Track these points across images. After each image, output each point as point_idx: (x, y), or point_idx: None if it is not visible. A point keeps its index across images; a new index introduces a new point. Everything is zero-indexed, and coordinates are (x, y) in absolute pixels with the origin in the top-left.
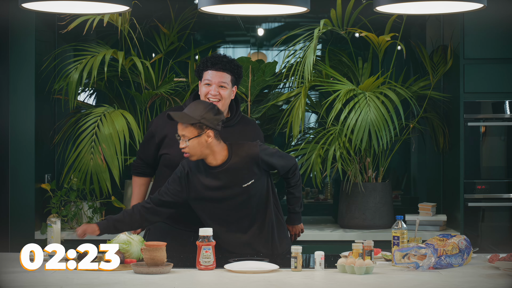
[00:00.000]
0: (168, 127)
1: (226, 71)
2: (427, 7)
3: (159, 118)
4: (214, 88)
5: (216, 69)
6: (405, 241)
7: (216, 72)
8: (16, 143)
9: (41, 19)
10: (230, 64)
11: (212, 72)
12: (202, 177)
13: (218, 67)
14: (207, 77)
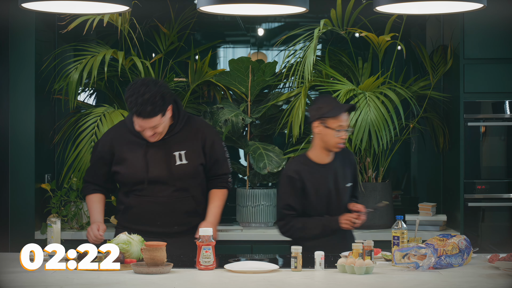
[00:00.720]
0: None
1: (154, 116)
2: (427, 7)
3: (103, 139)
4: (148, 131)
5: (142, 118)
6: (405, 241)
7: (143, 119)
8: (16, 143)
9: (41, 19)
10: (154, 109)
11: (139, 119)
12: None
13: (144, 116)
14: (137, 122)
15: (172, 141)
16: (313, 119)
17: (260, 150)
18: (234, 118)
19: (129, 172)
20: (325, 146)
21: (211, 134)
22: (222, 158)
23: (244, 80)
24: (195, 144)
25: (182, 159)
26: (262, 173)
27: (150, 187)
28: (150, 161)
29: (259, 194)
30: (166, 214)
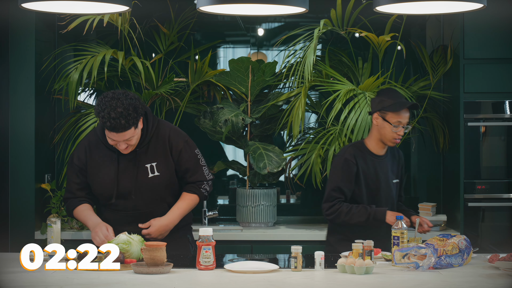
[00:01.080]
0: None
1: (128, 129)
2: (427, 7)
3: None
4: (122, 144)
5: (116, 132)
6: (405, 241)
7: (117, 134)
8: (16, 143)
9: (41, 19)
10: (128, 122)
11: (113, 134)
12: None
13: (118, 129)
14: (110, 136)
15: (143, 153)
16: (373, 110)
17: (260, 150)
18: (234, 118)
19: (101, 184)
20: (381, 139)
21: (178, 142)
22: (193, 166)
23: (244, 80)
24: (165, 154)
25: (154, 171)
26: (262, 173)
27: (122, 201)
28: (120, 173)
29: (259, 194)
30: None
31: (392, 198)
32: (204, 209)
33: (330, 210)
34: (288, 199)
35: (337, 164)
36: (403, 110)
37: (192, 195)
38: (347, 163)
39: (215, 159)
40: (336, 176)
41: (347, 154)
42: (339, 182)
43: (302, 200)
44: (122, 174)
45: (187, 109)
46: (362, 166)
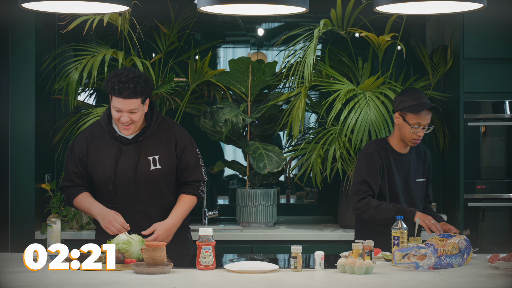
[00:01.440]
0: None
1: (134, 97)
2: (427, 7)
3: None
4: (125, 115)
5: (123, 97)
6: (405, 241)
7: (123, 99)
8: (16, 143)
9: (41, 19)
10: (136, 88)
11: (120, 100)
12: None
13: (125, 94)
14: (116, 105)
15: (146, 144)
16: (395, 110)
17: (260, 150)
18: (234, 118)
19: (100, 171)
20: (401, 138)
21: (183, 139)
22: (193, 164)
23: (244, 80)
24: (169, 148)
25: (157, 163)
26: (262, 173)
27: (123, 193)
28: (122, 163)
29: (259, 194)
30: (144, 221)
31: (412, 197)
32: (204, 209)
33: (359, 204)
34: (288, 199)
35: (361, 159)
36: (423, 112)
37: (191, 196)
38: (371, 157)
39: (215, 159)
40: (361, 170)
41: (371, 149)
42: (365, 176)
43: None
44: (123, 163)
45: (187, 109)
46: (385, 162)
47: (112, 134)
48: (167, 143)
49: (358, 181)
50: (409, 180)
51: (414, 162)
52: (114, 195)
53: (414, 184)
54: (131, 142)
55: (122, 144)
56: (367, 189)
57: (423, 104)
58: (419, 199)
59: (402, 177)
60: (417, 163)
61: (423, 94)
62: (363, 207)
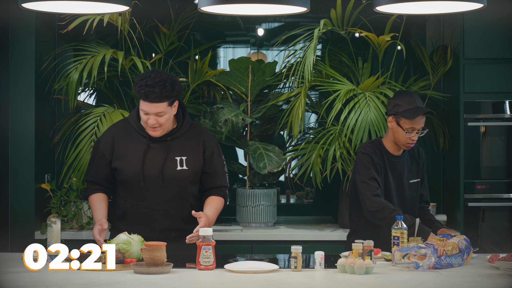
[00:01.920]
0: (115, 143)
1: (160, 101)
2: (427, 7)
3: (105, 137)
4: (152, 118)
5: (149, 101)
6: (405, 241)
7: (149, 103)
8: (16, 143)
9: (41, 19)
10: (162, 92)
11: (146, 103)
12: None
13: (151, 98)
14: (143, 108)
15: (174, 144)
16: (388, 113)
17: (260, 150)
18: (234, 118)
19: (126, 167)
20: (395, 141)
21: (212, 145)
22: (220, 170)
23: (244, 80)
24: (197, 151)
25: (183, 164)
26: (262, 173)
27: (146, 191)
28: (149, 160)
29: (259, 194)
30: (163, 221)
31: (405, 198)
32: None
33: (374, 200)
34: (288, 199)
35: (363, 157)
36: (417, 117)
37: (220, 197)
38: (369, 157)
39: None
40: (367, 167)
41: (368, 149)
42: (372, 173)
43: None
44: (150, 160)
45: (187, 109)
46: (381, 163)
47: (141, 131)
48: (195, 146)
49: (367, 177)
50: (403, 182)
51: (408, 164)
52: (139, 192)
53: (408, 185)
54: (160, 140)
55: (151, 141)
56: (378, 185)
57: (418, 109)
58: (412, 199)
59: (396, 179)
60: (411, 164)
61: (417, 97)
62: (379, 206)
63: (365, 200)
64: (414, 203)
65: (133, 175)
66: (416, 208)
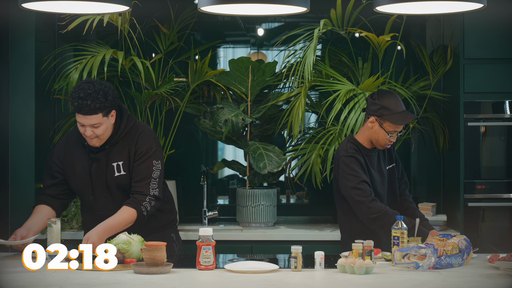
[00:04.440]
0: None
1: (94, 113)
2: (427, 7)
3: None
4: (89, 129)
5: (82, 114)
6: (405, 241)
7: (83, 116)
8: (16, 143)
9: (41, 19)
10: (95, 105)
11: (80, 116)
12: None
13: (84, 111)
14: (78, 120)
15: (112, 151)
16: (371, 113)
17: (260, 150)
18: (234, 118)
19: (76, 181)
20: (372, 140)
21: (143, 145)
22: (144, 175)
23: (244, 80)
24: (131, 153)
25: (121, 170)
26: (262, 173)
27: (96, 201)
28: (93, 172)
29: (259, 194)
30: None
31: (386, 185)
32: (204, 209)
33: (373, 206)
34: (288, 199)
35: (348, 161)
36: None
37: (131, 209)
38: (355, 158)
39: (215, 159)
40: (355, 171)
41: (350, 150)
42: (362, 176)
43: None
44: (94, 172)
45: (187, 109)
46: (362, 161)
47: (83, 142)
48: (129, 149)
49: (357, 183)
50: (382, 171)
51: (380, 153)
52: (89, 203)
53: (386, 172)
54: (100, 150)
55: (92, 152)
56: (370, 187)
57: (406, 114)
58: (393, 185)
59: (376, 171)
60: (382, 152)
61: (399, 99)
62: (379, 212)
63: (361, 208)
64: (395, 188)
65: (81, 188)
66: (397, 194)
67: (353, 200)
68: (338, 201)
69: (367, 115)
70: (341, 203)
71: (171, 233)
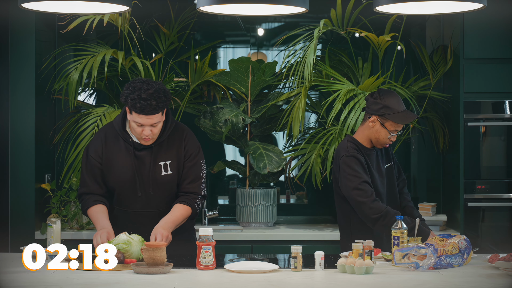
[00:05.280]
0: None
1: (156, 113)
2: (427, 7)
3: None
4: (147, 129)
5: (145, 114)
6: (405, 241)
7: (145, 116)
8: (16, 143)
9: (41, 19)
10: (158, 104)
11: (142, 116)
12: None
13: (147, 111)
14: (137, 120)
15: (158, 149)
16: (373, 112)
17: (260, 150)
18: (234, 118)
19: (116, 175)
20: (372, 140)
21: (192, 147)
22: (195, 176)
23: (244, 80)
24: (179, 154)
25: (168, 169)
26: (262, 173)
27: (135, 198)
28: (137, 168)
29: (259, 194)
30: (151, 226)
31: (385, 184)
32: (204, 209)
33: (374, 206)
34: (288, 199)
35: (349, 161)
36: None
37: (185, 206)
38: (356, 158)
39: (215, 159)
40: (356, 171)
41: (351, 151)
42: (363, 177)
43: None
44: (138, 168)
45: (187, 109)
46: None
47: (125, 139)
48: (178, 149)
49: (358, 183)
50: (381, 170)
51: (378, 152)
52: (127, 199)
53: (385, 171)
54: (145, 148)
55: (136, 149)
56: (371, 188)
57: (407, 114)
58: (392, 184)
59: (376, 170)
60: (380, 151)
61: (400, 99)
62: (381, 212)
63: (363, 208)
64: (394, 186)
65: (124, 183)
66: (396, 192)
67: (355, 200)
68: (338, 201)
69: (368, 115)
70: (341, 203)
71: (190, 237)
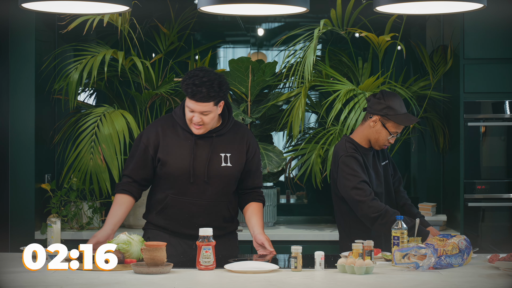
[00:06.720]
0: (161, 137)
1: (206, 101)
2: (427, 7)
3: (148, 131)
4: (197, 116)
5: (195, 100)
6: (405, 241)
7: (196, 102)
8: (16, 143)
9: (41, 19)
10: (209, 93)
11: (192, 102)
12: None
13: (197, 98)
14: (189, 105)
15: (219, 141)
16: (375, 112)
17: (260, 150)
18: None
19: (174, 161)
20: (371, 140)
21: (254, 144)
22: (258, 170)
23: (244, 80)
24: (241, 149)
25: (228, 161)
26: (262, 173)
27: (191, 185)
28: (197, 156)
29: None
30: (204, 217)
31: (382, 182)
32: None
33: (373, 205)
34: (288, 199)
35: (348, 160)
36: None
37: (260, 204)
38: (354, 157)
39: None
40: (355, 171)
41: (349, 149)
42: (362, 176)
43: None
44: (196, 156)
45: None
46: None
47: (186, 127)
48: (239, 144)
49: (357, 182)
50: (378, 169)
51: (374, 151)
52: (183, 187)
53: (381, 168)
54: (205, 136)
55: (197, 137)
56: (369, 188)
57: (410, 117)
58: (388, 181)
59: (373, 169)
60: (376, 150)
61: (402, 100)
62: (380, 211)
63: (362, 207)
64: (390, 185)
65: (181, 170)
66: (392, 190)
67: (353, 200)
68: (336, 201)
69: (369, 114)
70: (339, 203)
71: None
